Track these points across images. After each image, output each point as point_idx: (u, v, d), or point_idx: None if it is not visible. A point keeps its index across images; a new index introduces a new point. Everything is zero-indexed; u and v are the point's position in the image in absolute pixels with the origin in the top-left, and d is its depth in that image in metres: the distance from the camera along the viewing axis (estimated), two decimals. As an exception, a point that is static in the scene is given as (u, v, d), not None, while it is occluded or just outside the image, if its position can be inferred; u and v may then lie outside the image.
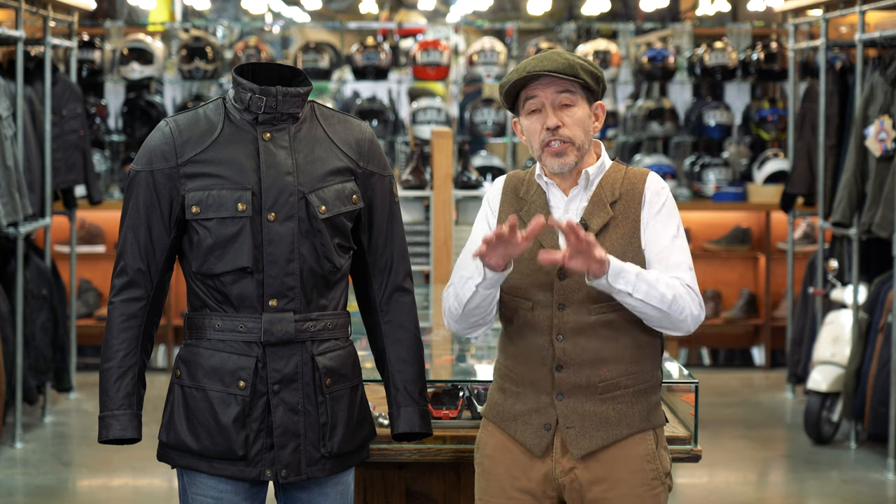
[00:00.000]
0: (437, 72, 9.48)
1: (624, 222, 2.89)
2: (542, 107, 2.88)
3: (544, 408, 2.90)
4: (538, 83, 2.88)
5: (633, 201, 2.90)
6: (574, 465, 2.89)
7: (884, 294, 6.61)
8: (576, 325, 2.87)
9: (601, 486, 2.88)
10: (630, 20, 11.66)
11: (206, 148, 2.88)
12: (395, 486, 3.41)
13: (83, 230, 8.98)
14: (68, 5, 7.73)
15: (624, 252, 2.86)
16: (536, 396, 2.90)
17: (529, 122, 2.91)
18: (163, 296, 2.95)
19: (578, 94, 2.89)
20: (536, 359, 2.90)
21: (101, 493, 6.16)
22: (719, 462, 6.60)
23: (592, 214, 2.89)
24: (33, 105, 7.28)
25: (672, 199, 2.94)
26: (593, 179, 2.92)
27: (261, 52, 9.48)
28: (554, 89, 2.87)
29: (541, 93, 2.88)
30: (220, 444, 2.87)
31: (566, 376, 2.87)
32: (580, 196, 2.92)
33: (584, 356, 2.87)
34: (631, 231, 2.89)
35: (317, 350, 2.91)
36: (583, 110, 2.90)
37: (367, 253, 3.01)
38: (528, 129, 2.91)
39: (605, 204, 2.90)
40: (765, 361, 9.13)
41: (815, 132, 7.87)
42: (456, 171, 6.88)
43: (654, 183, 2.94)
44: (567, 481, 2.89)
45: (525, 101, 2.90)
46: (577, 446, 2.88)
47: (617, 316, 2.87)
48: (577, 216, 2.90)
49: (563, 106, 2.88)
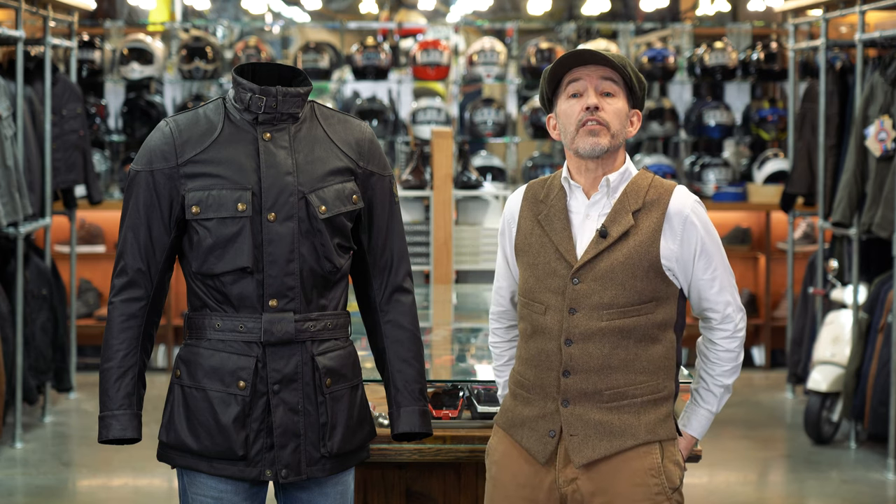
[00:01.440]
0: (437, 72, 9.48)
1: (644, 231, 2.87)
2: (585, 91, 2.88)
3: (550, 414, 2.89)
4: (585, 68, 2.89)
5: (655, 213, 2.89)
6: (577, 474, 2.87)
7: (884, 294, 6.61)
8: (585, 329, 2.85)
9: (602, 497, 2.86)
10: (630, 20, 11.66)
11: (206, 148, 2.88)
12: (395, 486, 3.41)
13: (83, 230, 8.98)
14: (68, 5, 7.73)
15: (639, 262, 2.85)
16: (543, 403, 2.90)
17: (568, 106, 2.90)
18: (163, 296, 2.95)
19: (621, 87, 2.91)
20: (545, 364, 2.90)
21: (101, 493, 6.16)
22: (719, 462, 6.60)
23: (614, 221, 2.88)
24: (33, 105, 7.27)
25: (707, 220, 2.92)
26: (616, 186, 2.91)
27: (261, 52, 9.48)
28: (599, 74, 2.88)
29: (586, 77, 2.88)
30: (220, 444, 2.87)
31: (573, 382, 2.86)
32: (602, 202, 2.91)
33: (592, 363, 2.86)
34: (649, 241, 2.87)
35: (317, 350, 2.91)
36: (622, 104, 2.90)
37: (367, 253, 3.01)
38: (565, 113, 2.90)
39: (628, 212, 2.88)
40: (765, 361, 9.14)
41: (815, 132, 7.87)
42: (456, 171, 6.88)
43: (683, 199, 2.90)
44: (569, 491, 2.88)
45: (568, 84, 2.90)
46: (580, 454, 2.86)
47: (629, 323, 2.86)
48: (597, 221, 2.90)
49: (605, 94, 2.89)
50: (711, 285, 2.92)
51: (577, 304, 2.86)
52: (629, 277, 2.85)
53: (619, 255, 2.85)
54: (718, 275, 2.92)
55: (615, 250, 2.86)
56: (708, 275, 2.91)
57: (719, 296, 2.93)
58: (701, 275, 2.91)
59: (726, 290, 2.94)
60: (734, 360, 2.98)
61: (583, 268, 2.86)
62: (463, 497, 3.41)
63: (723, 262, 2.94)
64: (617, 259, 2.85)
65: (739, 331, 2.96)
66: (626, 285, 2.85)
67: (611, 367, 2.86)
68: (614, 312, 2.85)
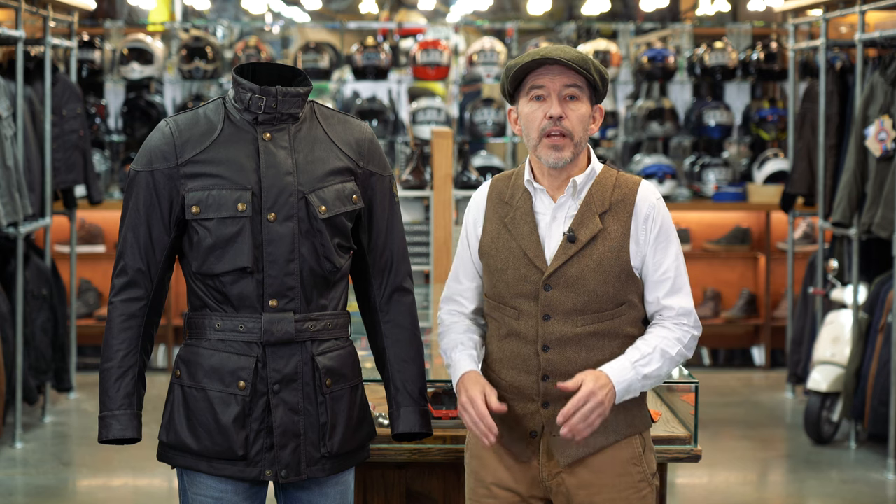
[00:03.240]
0: (437, 72, 9.48)
1: (613, 235, 2.86)
2: (548, 95, 2.85)
3: (530, 415, 2.90)
4: (548, 71, 2.85)
5: (623, 213, 2.87)
6: (560, 469, 2.89)
7: (884, 294, 6.61)
8: (562, 335, 2.85)
9: (588, 490, 2.88)
10: (630, 20, 11.66)
11: (206, 148, 2.88)
12: (395, 486, 3.41)
13: (83, 230, 8.98)
14: (68, 5, 7.73)
15: (610, 267, 2.84)
16: (523, 404, 2.90)
17: (530, 109, 2.88)
18: (163, 296, 2.95)
19: (585, 90, 2.88)
20: (522, 367, 2.89)
21: (101, 493, 6.16)
22: (719, 462, 6.60)
23: (581, 225, 2.86)
24: (33, 105, 7.28)
25: (668, 214, 2.91)
26: (582, 187, 2.89)
27: (261, 52, 9.48)
28: (563, 80, 2.85)
29: (549, 82, 2.85)
30: (220, 444, 2.87)
31: (553, 386, 2.86)
32: (568, 203, 2.89)
33: (571, 367, 2.85)
34: (619, 244, 2.86)
35: (317, 350, 2.91)
36: (586, 108, 2.88)
37: (367, 253, 3.01)
38: (528, 116, 2.88)
39: (595, 214, 2.87)
40: (765, 361, 9.13)
41: (815, 132, 7.87)
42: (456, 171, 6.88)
43: (648, 195, 2.90)
44: (554, 485, 2.90)
45: (531, 87, 2.87)
46: (564, 454, 2.88)
47: (604, 326, 2.86)
48: (564, 224, 2.88)
49: (568, 99, 2.86)
50: (674, 277, 2.87)
51: (551, 310, 2.85)
52: (601, 284, 2.84)
53: (590, 261, 2.84)
54: (670, 276, 2.87)
55: (584, 255, 2.84)
56: (670, 256, 2.87)
57: (670, 298, 2.88)
58: (663, 256, 2.86)
59: (682, 290, 2.88)
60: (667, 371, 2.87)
61: (554, 274, 2.85)
62: (463, 497, 3.40)
63: (678, 248, 2.90)
64: (587, 266, 2.84)
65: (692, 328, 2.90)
66: (598, 292, 2.84)
67: (590, 368, 2.85)
68: (588, 318, 2.85)
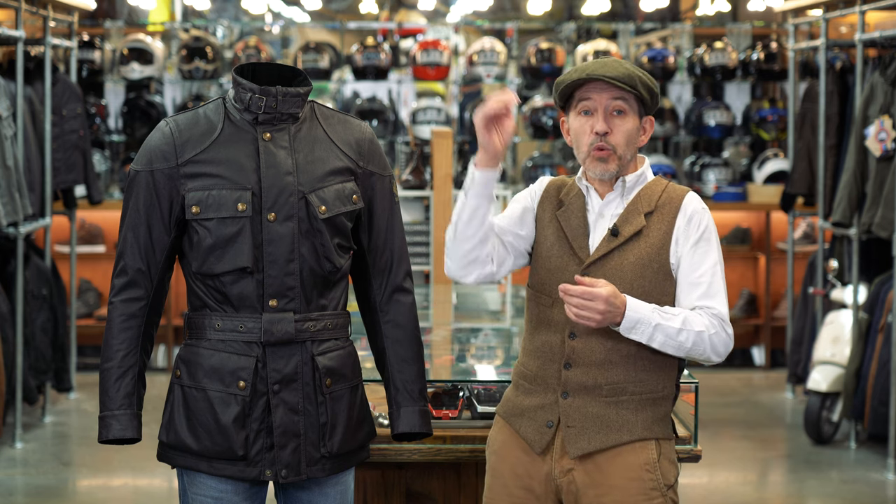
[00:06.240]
0: (437, 72, 9.48)
1: (655, 233, 2.91)
2: (595, 110, 2.91)
3: (549, 405, 2.92)
4: (595, 86, 2.91)
5: (668, 215, 2.93)
6: (572, 465, 2.90)
7: (884, 294, 6.61)
8: None
9: (597, 490, 2.89)
10: (630, 20, 11.65)
11: (206, 148, 2.88)
12: (395, 486, 3.41)
13: (83, 230, 8.98)
14: (68, 5, 7.73)
15: (649, 263, 2.89)
16: (544, 394, 2.93)
17: (579, 124, 2.94)
18: (163, 296, 2.95)
19: (632, 104, 2.92)
20: (548, 355, 2.93)
21: (101, 493, 6.16)
22: (719, 462, 6.60)
23: (625, 221, 2.92)
24: (33, 105, 7.28)
25: (713, 224, 2.95)
26: (630, 187, 2.95)
27: (261, 52, 9.48)
28: (609, 95, 2.90)
29: (596, 96, 2.91)
30: (219, 444, 2.87)
31: (573, 375, 2.89)
32: (616, 202, 2.95)
33: (593, 356, 2.89)
34: (660, 244, 2.91)
35: (317, 350, 2.91)
36: (633, 122, 2.93)
37: (366, 253, 3.01)
38: (577, 130, 2.95)
39: (640, 213, 2.92)
40: (765, 361, 9.13)
41: (815, 132, 7.87)
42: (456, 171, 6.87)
43: (695, 201, 2.96)
44: (565, 483, 2.91)
45: (579, 101, 2.93)
46: (575, 446, 2.89)
47: None
48: (610, 221, 2.94)
49: (615, 113, 2.91)
50: (711, 281, 2.89)
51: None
52: (638, 277, 2.89)
53: (630, 255, 2.89)
54: (705, 280, 2.89)
55: (626, 250, 2.90)
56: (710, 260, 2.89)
57: (705, 300, 2.88)
58: (702, 259, 2.89)
59: (718, 296, 2.89)
60: (685, 346, 2.85)
61: (593, 264, 2.90)
62: (463, 497, 3.41)
63: (719, 257, 2.92)
64: (627, 259, 2.89)
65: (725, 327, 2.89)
66: (633, 285, 2.88)
67: (612, 361, 2.88)
68: None
